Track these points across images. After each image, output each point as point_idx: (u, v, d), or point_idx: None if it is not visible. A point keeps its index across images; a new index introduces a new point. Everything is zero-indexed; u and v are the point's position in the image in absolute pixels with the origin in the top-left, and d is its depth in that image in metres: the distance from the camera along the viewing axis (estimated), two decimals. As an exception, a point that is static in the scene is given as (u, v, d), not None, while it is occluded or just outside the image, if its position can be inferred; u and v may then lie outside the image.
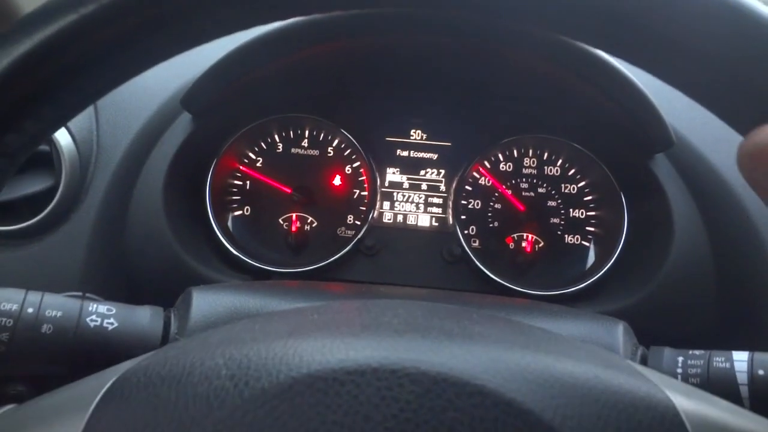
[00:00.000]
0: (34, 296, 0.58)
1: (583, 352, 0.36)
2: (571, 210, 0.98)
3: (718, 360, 0.54)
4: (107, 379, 0.34)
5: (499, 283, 0.92)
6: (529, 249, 0.98)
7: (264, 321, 0.40)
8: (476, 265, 0.93)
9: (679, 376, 0.55)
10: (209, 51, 0.65)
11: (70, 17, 0.32)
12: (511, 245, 0.98)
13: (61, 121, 0.37)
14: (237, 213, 0.99)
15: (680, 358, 0.56)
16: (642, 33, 0.33)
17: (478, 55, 0.89)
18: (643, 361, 0.58)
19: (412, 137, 1.01)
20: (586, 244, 0.97)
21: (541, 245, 0.98)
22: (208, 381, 0.31)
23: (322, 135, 1.00)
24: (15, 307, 0.57)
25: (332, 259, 0.94)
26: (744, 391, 0.52)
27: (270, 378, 0.30)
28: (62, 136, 0.81)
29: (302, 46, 0.84)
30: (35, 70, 0.33)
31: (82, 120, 0.84)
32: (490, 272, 0.93)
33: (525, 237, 0.98)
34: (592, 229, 0.97)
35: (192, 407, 0.30)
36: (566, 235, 0.98)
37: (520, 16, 0.35)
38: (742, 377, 0.53)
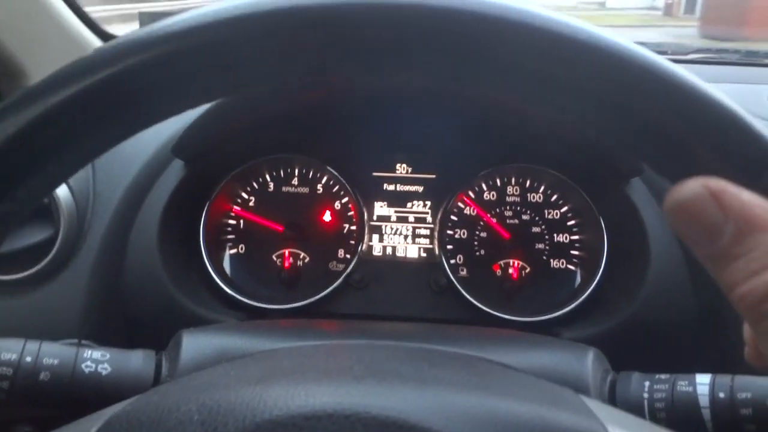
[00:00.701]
0: (32, 345, 0.61)
1: (535, 391, 0.38)
2: (555, 235, 1.01)
3: (682, 384, 0.56)
4: (93, 424, 0.37)
5: (486, 311, 0.94)
6: (515, 275, 1.00)
7: (240, 365, 0.42)
8: (462, 294, 0.96)
9: (646, 401, 0.57)
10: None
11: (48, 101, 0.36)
12: (498, 272, 1.00)
13: (54, 186, 0.39)
14: (232, 252, 1.02)
15: (647, 383, 0.58)
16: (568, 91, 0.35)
17: (458, 90, 0.93)
18: (612, 387, 0.60)
19: (397, 171, 1.05)
20: (572, 268, 1.00)
21: (527, 271, 1.00)
22: (182, 426, 0.34)
23: (311, 173, 1.03)
24: (14, 356, 0.60)
25: (323, 294, 0.97)
26: (706, 414, 0.54)
27: (236, 423, 0.33)
28: (60, 188, 0.85)
29: (288, 93, 0.88)
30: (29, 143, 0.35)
31: (79, 171, 0.88)
32: (476, 301, 0.95)
33: (511, 263, 1.00)
34: (576, 252, 1.00)
35: None
36: (552, 260, 1.00)
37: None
38: (704, 400, 0.54)
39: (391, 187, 1.04)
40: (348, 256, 1.01)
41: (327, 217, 1.03)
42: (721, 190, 0.29)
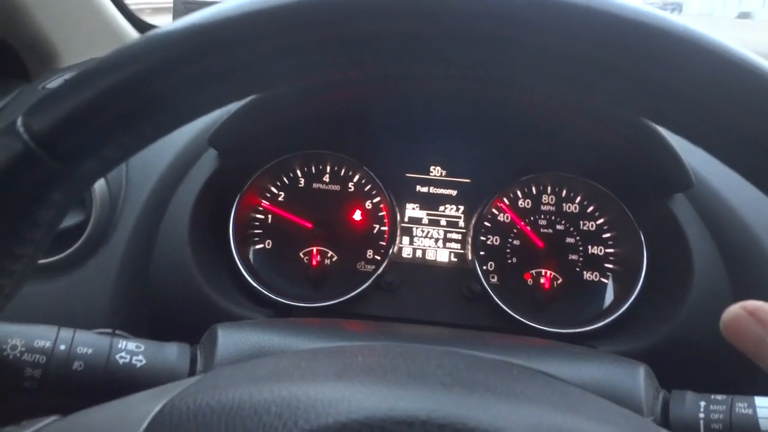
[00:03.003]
0: (66, 333, 0.60)
1: (620, 418, 0.37)
2: (589, 247, 0.98)
3: (741, 406, 0.54)
4: (157, 402, 0.35)
5: (518, 320, 0.92)
6: (547, 285, 0.98)
7: (309, 358, 0.41)
8: (495, 302, 0.94)
9: (701, 422, 0.55)
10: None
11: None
12: (530, 281, 0.98)
13: (131, 152, 0.38)
14: (258, 246, 1.01)
15: (702, 403, 0.56)
16: (672, 99, 0.33)
17: (496, 95, 0.91)
18: (665, 405, 0.58)
19: (431, 173, 1.03)
20: (605, 281, 0.98)
21: (559, 282, 0.98)
22: (258, 416, 0.32)
23: (343, 171, 1.02)
24: (48, 344, 0.59)
25: (352, 294, 0.95)
26: (767, 438, 0.52)
27: (318, 420, 0.31)
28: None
29: (328, 90, 0.86)
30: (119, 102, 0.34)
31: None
32: (509, 309, 0.93)
33: (543, 273, 0.98)
34: (610, 266, 0.98)
35: None
36: (585, 272, 0.98)
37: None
38: (764, 424, 0.53)
39: (424, 189, 1.02)
40: (377, 257, 1.00)
41: (357, 216, 1.01)
42: (756, 308, 0.38)
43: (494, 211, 1.00)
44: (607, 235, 0.98)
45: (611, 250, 0.98)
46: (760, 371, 0.78)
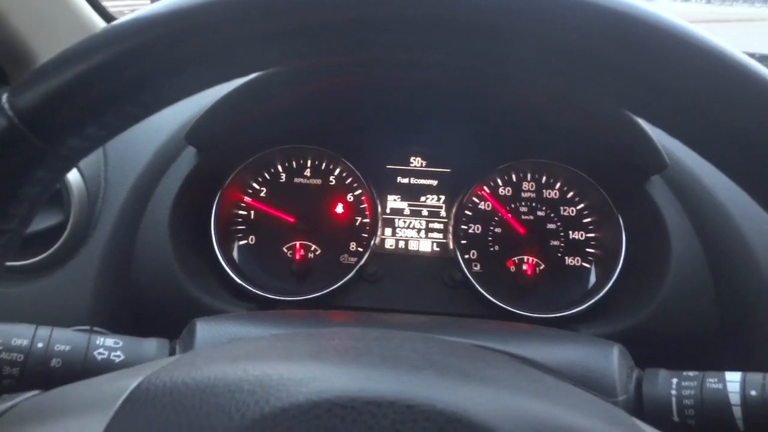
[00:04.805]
0: (43, 331, 0.60)
1: (589, 405, 0.37)
2: (570, 232, 0.99)
3: (711, 381, 0.55)
4: (134, 378, 0.35)
5: (501, 306, 0.93)
6: (530, 272, 0.99)
7: (287, 340, 0.41)
8: (477, 289, 0.95)
9: (674, 399, 0.56)
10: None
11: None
12: (512, 268, 0.99)
13: (115, 132, 0.38)
14: (242, 242, 1.01)
15: (674, 380, 0.57)
16: (678, 107, 0.33)
17: (474, 83, 0.91)
18: (638, 384, 0.59)
19: (411, 164, 1.03)
20: (587, 265, 0.98)
21: (542, 268, 0.99)
22: (231, 394, 0.32)
23: (323, 164, 1.02)
24: (25, 342, 0.59)
25: (335, 286, 0.95)
26: (737, 411, 0.53)
27: (290, 398, 0.31)
28: (71, 173, 0.83)
29: (303, 82, 0.86)
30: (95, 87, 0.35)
31: (90, 156, 0.86)
32: (491, 296, 0.94)
33: (526, 260, 0.99)
34: (592, 250, 0.98)
35: (213, 417, 0.31)
36: (567, 257, 0.99)
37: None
38: (735, 398, 0.53)
39: (405, 180, 1.03)
40: (360, 249, 1.00)
41: (339, 209, 1.01)
42: None
43: (475, 199, 1.00)
44: (588, 219, 0.99)
45: (592, 235, 0.98)
46: (734, 347, 0.79)
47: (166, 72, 0.35)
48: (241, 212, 1.01)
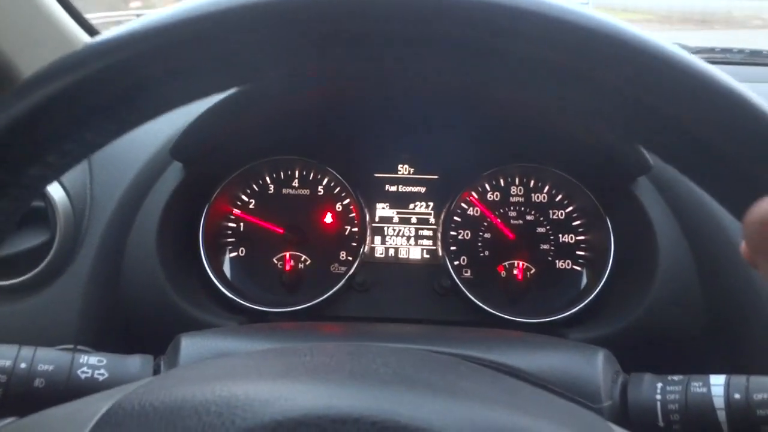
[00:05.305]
0: (26, 351, 0.60)
1: (564, 415, 0.37)
2: (560, 236, 0.99)
3: (696, 385, 0.55)
4: (105, 403, 0.35)
5: (491, 312, 0.93)
6: (520, 276, 0.98)
7: (259, 358, 0.41)
8: (467, 296, 0.94)
9: (659, 403, 0.55)
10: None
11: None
12: (503, 273, 0.99)
13: (77, 159, 0.38)
14: (232, 255, 1.01)
15: (659, 384, 0.57)
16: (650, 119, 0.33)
17: (460, 89, 0.91)
18: (624, 389, 0.59)
19: (399, 172, 1.03)
20: (578, 268, 0.98)
21: (532, 272, 0.99)
22: (198, 416, 0.32)
23: (311, 175, 1.02)
24: (8, 363, 0.59)
25: (325, 296, 0.95)
26: (721, 415, 0.52)
27: (255, 419, 0.31)
28: (56, 191, 0.83)
29: (288, 93, 0.86)
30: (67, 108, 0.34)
31: (76, 174, 0.87)
32: (480, 302, 0.94)
33: (516, 264, 0.99)
34: (582, 253, 0.98)
35: None
36: (557, 261, 0.99)
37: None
38: (719, 402, 0.53)
39: (393, 188, 1.03)
40: (350, 258, 1.00)
41: (328, 218, 1.01)
42: None
43: (463, 205, 1.00)
44: (577, 222, 0.99)
45: (581, 238, 0.98)
46: (722, 350, 0.78)
47: (124, 99, 0.35)
48: (230, 224, 1.01)
